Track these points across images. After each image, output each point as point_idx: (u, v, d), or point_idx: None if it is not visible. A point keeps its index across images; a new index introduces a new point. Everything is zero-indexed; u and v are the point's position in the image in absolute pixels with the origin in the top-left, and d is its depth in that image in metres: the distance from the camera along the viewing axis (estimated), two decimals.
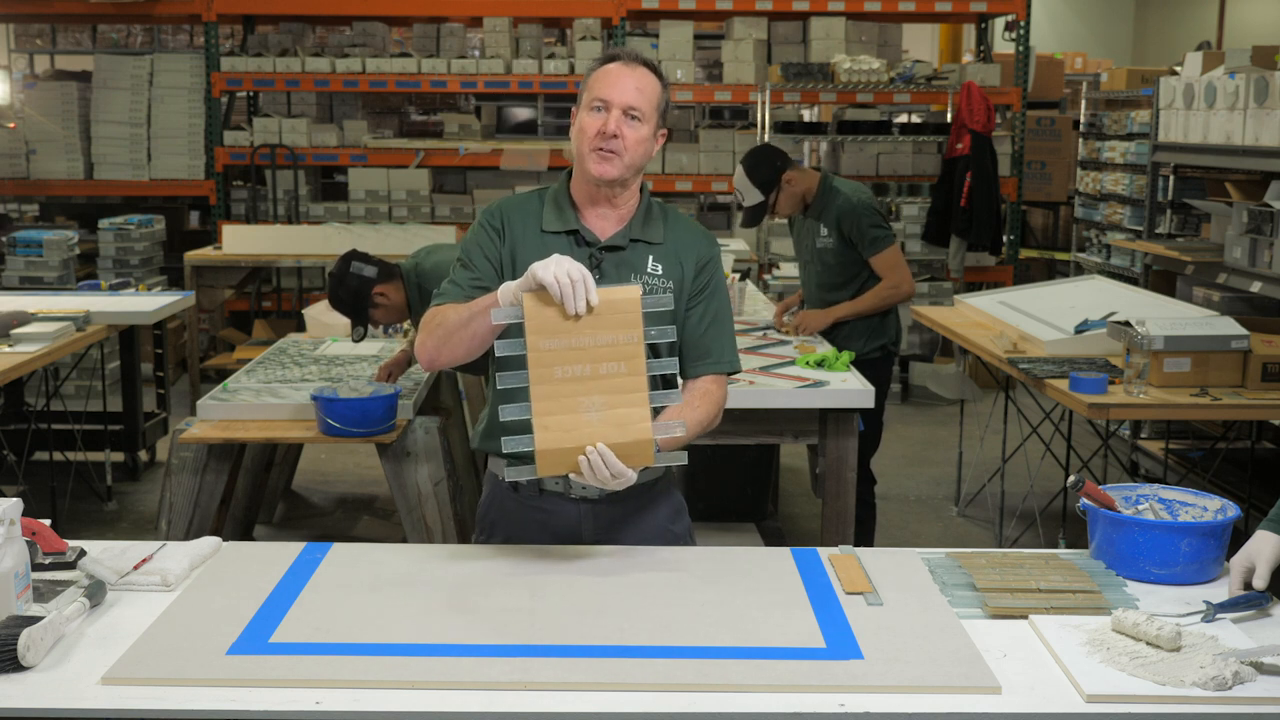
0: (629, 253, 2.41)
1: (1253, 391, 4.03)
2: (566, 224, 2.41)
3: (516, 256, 2.39)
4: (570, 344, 2.11)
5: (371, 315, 4.16)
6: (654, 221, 2.45)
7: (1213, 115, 5.55)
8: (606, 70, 2.40)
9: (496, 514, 2.50)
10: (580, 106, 2.42)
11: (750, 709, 1.77)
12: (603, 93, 2.37)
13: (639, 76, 2.38)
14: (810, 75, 8.03)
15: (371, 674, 1.84)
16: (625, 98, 2.35)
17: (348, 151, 8.44)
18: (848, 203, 4.48)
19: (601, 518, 2.44)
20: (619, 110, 2.35)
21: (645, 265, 2.41)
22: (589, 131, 2.36)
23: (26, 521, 2.10)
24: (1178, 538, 2.23)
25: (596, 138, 2.34)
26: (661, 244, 2.43)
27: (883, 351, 4.58)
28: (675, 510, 2.54)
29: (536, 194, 2.50)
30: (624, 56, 2.41)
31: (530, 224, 2.42)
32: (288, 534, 5.30)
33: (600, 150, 2.34)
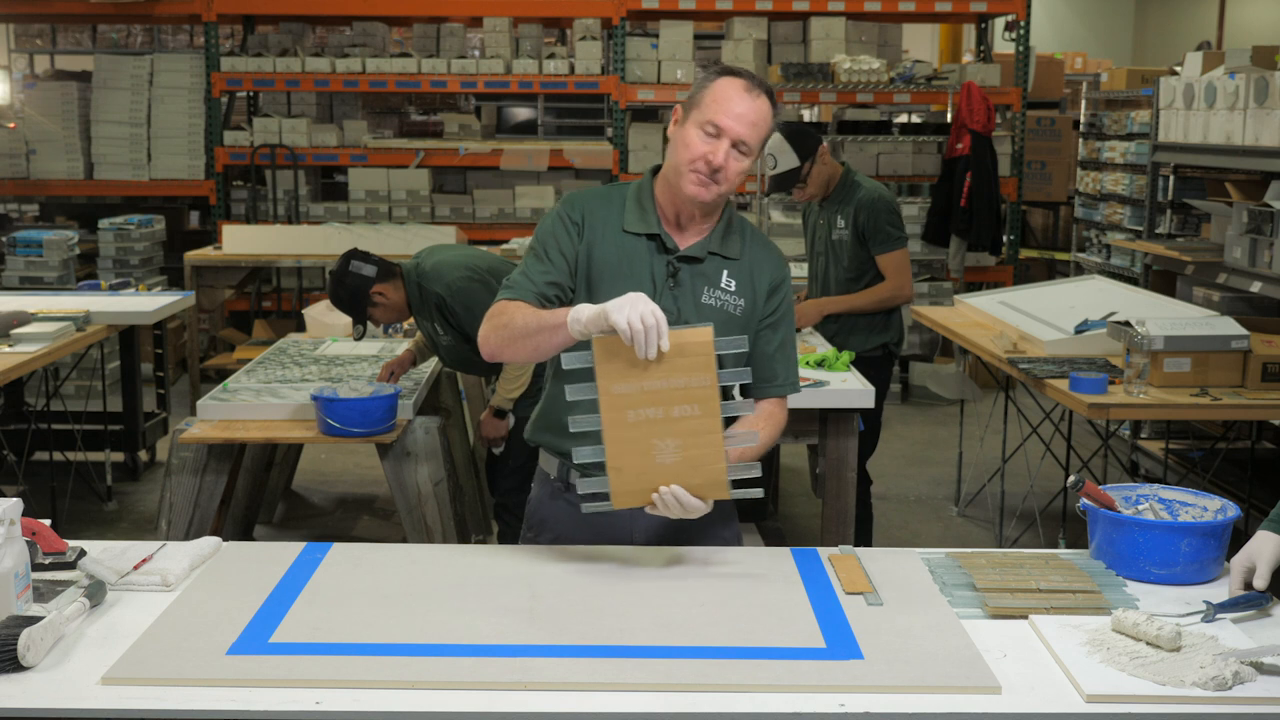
0: (705, 264, 2.36)
1: (1253, 391, 4.03)
2: (648, 227, 2.36)
3: (593, 254, 2.34)
4: (642, 387, 2.08)
5: (371, 314, 4.17)
6: (733, 236, 2.40)
7: (1213, 115, 5.55)
8: (729, 93, 2.29)
9: (547, 513, 2.49)
10: (688, 113, 2.32)
11: (750, 709, 1.77)
12: (719, 118, 2.26)
13: (758, 108, 2.28)
14: (810, 75, 8.03)
15: (371, 674, 1.84)
16: (740, 130, 2.26)
17: (348, 151, 8.44)
18: (869, 196, 4.48)
19: (653, 522, 2.43)
20: (729, 142, 2.27)
21: (720, 279, 2.37)
22: (694, 151, 2.27)
23: (26, 521, 2.10)
24: (1178, 538, 2.23)
25: (700, 163, 2.27)
26: (737, 260, 2.39)
27: (884, 350, 4.58)
28: (725, 514, 2.52)
29: (618, 190, 2.44)
30: (747, 78, 2.31)
31: (611, 222, 2.37)
32: (288, 534, 5.30)
33: (700, 174, 2.28)
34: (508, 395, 4.14)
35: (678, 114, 2.35)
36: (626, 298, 2.07)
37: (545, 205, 8.37)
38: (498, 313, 2.30)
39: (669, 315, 2.27)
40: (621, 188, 2.44)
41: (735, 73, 2.32)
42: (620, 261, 2.34)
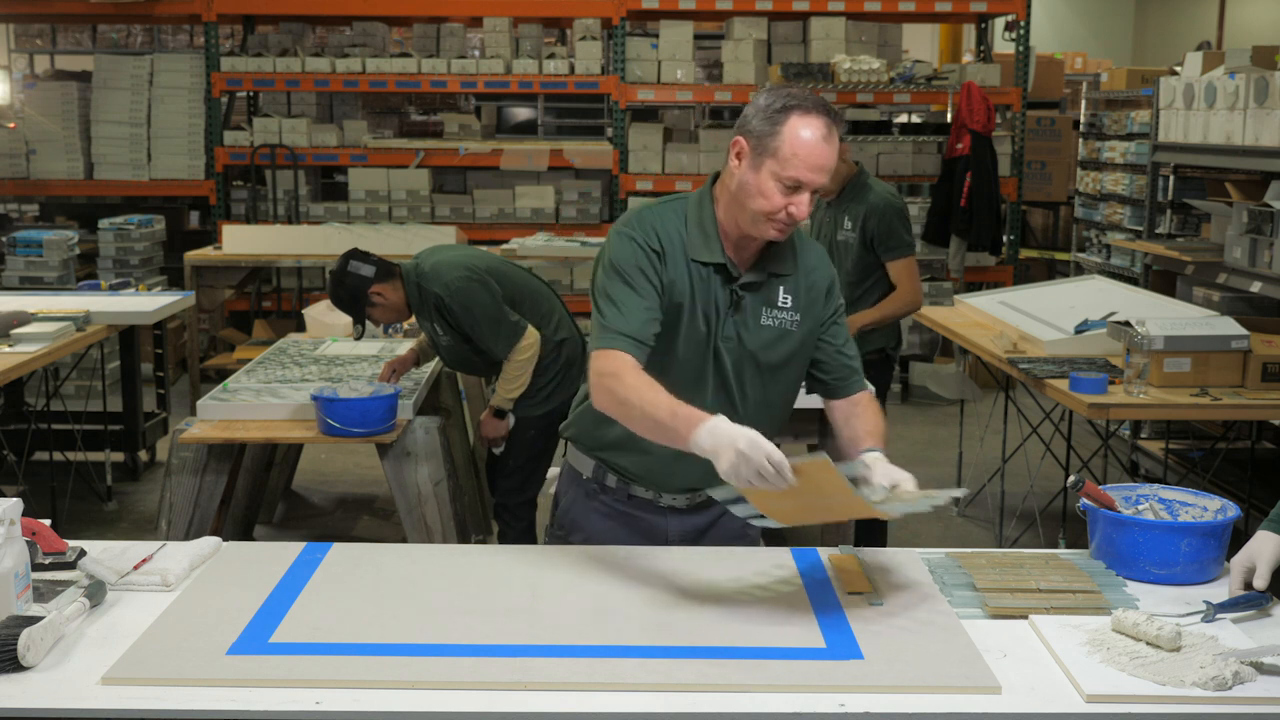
0: (763, 287, 2.33)
1: (1253, 391, 4.03)
2: (714, 257, 2.29)
3: (674, 285, 2.28)
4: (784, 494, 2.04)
5: (369, 314, 4.17)
6: (786, 250, 2.35)
7: (1213, 115, 5.55)
8: (809, 142, 2.18)
9: (579, 514, 2.47)
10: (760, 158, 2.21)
11: (750, 709, 1.77)
12: (802, 174, 2.18)
13: (834, 148, 2.21)
14: (810, 75, 8.03)
15: (371, 674, 1.84)
16: (821, 181, 2.21)
17: (348, 151, 8.44)
18: (881, 199, 4.43)
19: (687, 523, 2.44)
20: (809, 193, 2.21)
21: (776, 298, 2.34)
22: (774, 204, 2.20)
23: (26, 521, 2.10)
24: (1178, 538, 2.23)
25: (783, 213, 2.21)
26: (792, 275, 2.36)
27: (881, 355, 4.56)
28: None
29: (676, 209, 2.33)
30: (822, 113, 2.21)
31: (678, 248, 2.29)
32: (288, 534, 5.30)
33: (781, 224, 2.22)
34: (507, 395, 4.14)
35: (741, 148, 2.25)
36: (736, 456, 1.97)
37: (545, 205, 8.36)
38: (611, 369, 2.19)
39: (729, 341, 2.30)
40: (679, 205, 2.34)
41: (808, 109, 2.21)
42: (690, 291, 2.29)
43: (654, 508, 2.43)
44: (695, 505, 2.44)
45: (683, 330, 2.29)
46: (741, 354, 2.32)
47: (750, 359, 2.33)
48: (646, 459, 2.36)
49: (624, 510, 2.43)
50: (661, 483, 2.41)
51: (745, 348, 2.32)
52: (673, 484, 2.41)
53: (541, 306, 4.25)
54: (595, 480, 2.45)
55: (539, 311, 4.22)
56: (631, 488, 2.41)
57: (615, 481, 2.43)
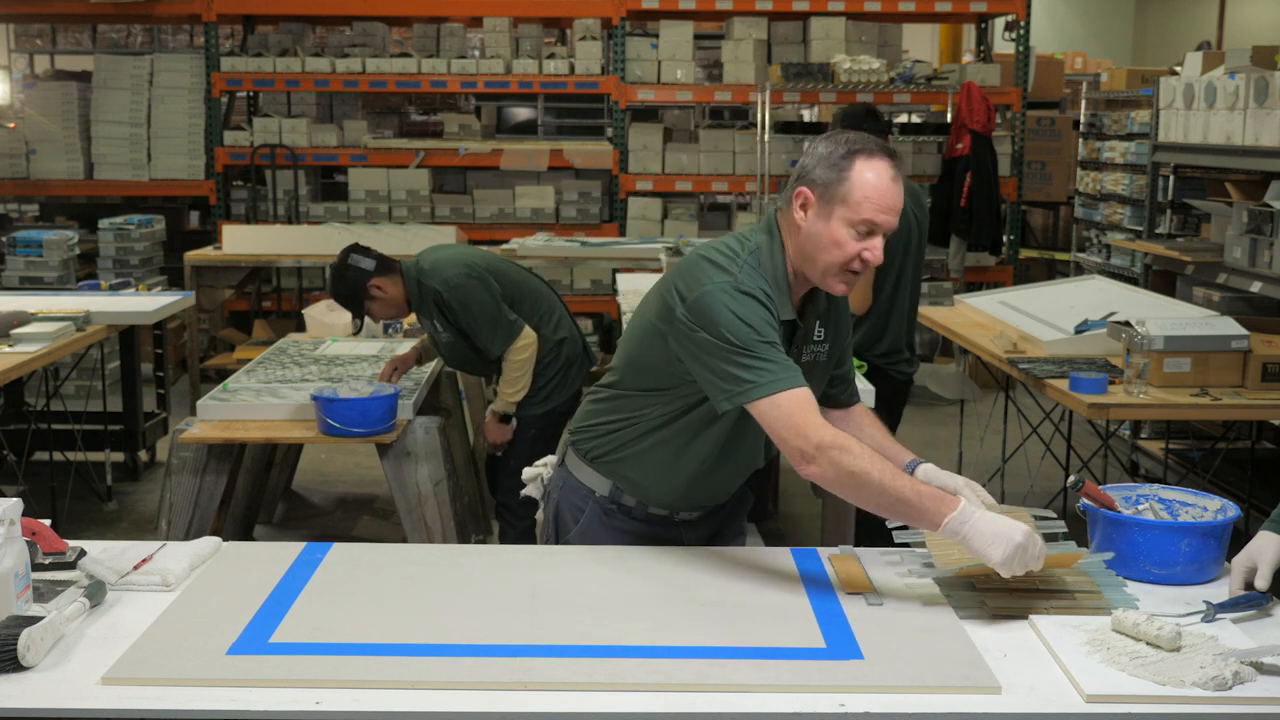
0: (808, 328, 2.33)
1: (1253, 391, 4.03)
2: (788, 314, 2.25)
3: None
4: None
5: (369, 308, 4.19)
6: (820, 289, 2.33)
7: (1213, 115, 5.55)
8: (880, 185, 2.16)
9: (599, 533, 2.44)
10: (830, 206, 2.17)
11: (750, 709, 1.77)
12: (877, 217, 2.16)
13: (900, 191, 2.19)
14: (810, 75, 8.03)
15: (371, 674, 1.84)
16: (892, 222, 2.18)
17: (348, 151, 8.44)
18: None
19: (699, 532, 2.48)
20: (882, 236, 2.18)
21: (813, 333, 2.35)
22: (848, 251, 2.16)
23: (26, 521, 2.10)
24: (1178, 538, 2.23)
25: (856, 262, 2.17)
26: (827, 310, 2.36)
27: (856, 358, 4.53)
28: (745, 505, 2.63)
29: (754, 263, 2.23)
30: (886, 155, 2.19)
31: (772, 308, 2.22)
32: (288, 534, 5.30)
33: (852, 274, 2.19)
34: (510, 399, 4.14)
35: (806, 199, 2.20)
36: (1015, 546, 2.02)
37: (545, 205, 8.36)
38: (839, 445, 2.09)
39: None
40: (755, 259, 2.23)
41: (873, 152, 2.19)
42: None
43: (669, 522, 2.46)
44: (706, 514, 2.49)
45: None
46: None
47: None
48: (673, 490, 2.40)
49: (640, 528, 2.44)
50: (682, 506, 2.45)
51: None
52: (692, 505, 2.46)
53: (541, 306, 4.25)
54: (612, 500, 2.43)
55: (539, 310, 4.22)
56: (651, 506, 2.44)
57: (634, 502, 2.43)
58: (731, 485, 2.47)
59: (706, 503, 2.47)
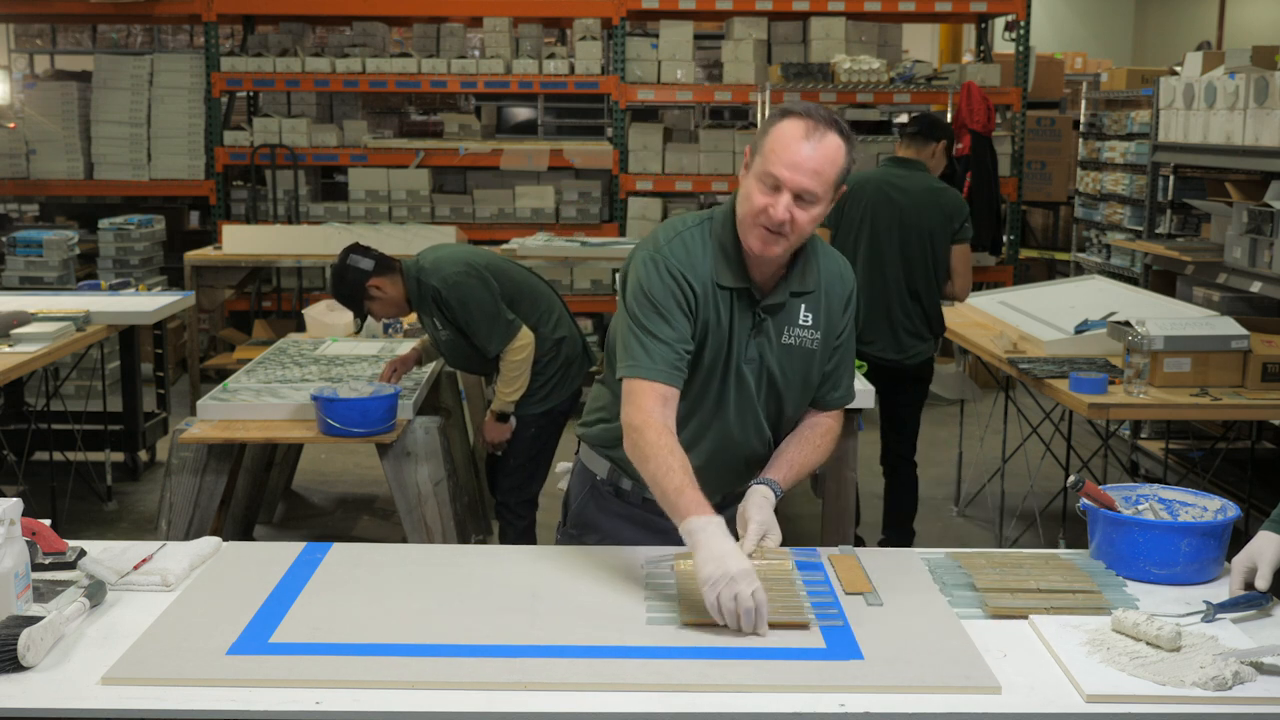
0: (786, 307, 2.31)
1: (1253, 391, 4.03)
2: (737, 281, 2.26)
3: (702, 313, 2.26)
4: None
5: (368, 308, 4.20)
6: (810, 266, 2.32)
7: (1213, 115, 5.55)
8: (787, 139, 2.15)
9: (593, 515, 2.47)
10: (754, 159, 2.20)
11: (750, 709, 1.77)
12: (778, 169, 2.14)
13: (822, 152, 2.14)
14: (810, 75, 8.03)
15: (371, 674, 1.84)
16: (801, 181, 2.14)
17: (348, 151, 8.44)
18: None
19: None
20: (790, 195, 2.15)
21: (798, 317, 2.32)
22: (754, 205, 2.17)
23: (26, 521, 2.10)
24: (1178, 538, 2.23)
25: (762, 216, 2.16)
26: (814, 292, 2.33)
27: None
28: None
29: (700, 233, 2.28)
30: (811, 117, 2.16)
31: (705, 274, 2.26)
32: (288, 534, 5.30)
33: (764, 230, 2.18)
34: (508, 398, 4.14)
35: (747, 158, 2.24)
36: (727, 576, 1.96)
37: (545, 205, 8.36)
38: (637, 425, 2.19)
39: (751, 363, 2.29)
40: (702, 228, 2.30)
41: (797, 113, 2.18)
42: (719, 317, 2.28)
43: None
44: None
45: (707, 353, 2.29)
46: (763, 373, 2.32)
47: (771, 378, 2.33)
48: None
49: (639, 513, 2.44)
50: None
51: (766, 367, 2.31)
52: None
53: (541, 305, 4.25)
54: (610, 482, 2.45)
55: (538, 310, 4.22)
56: (646, 491, 2.41)
57: (631, 485, 2.43)
58: (724, 480, 2.38)
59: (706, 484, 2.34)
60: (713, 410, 2.32)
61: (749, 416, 2.34)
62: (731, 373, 2.30)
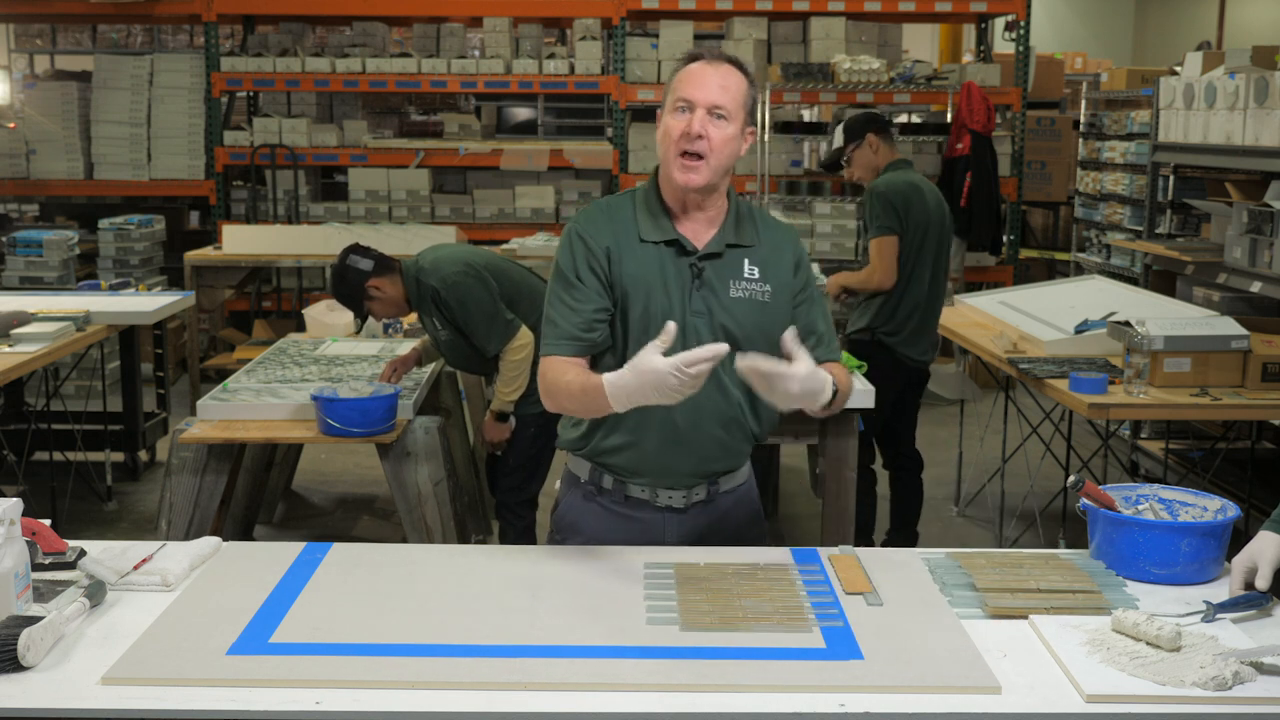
0: (726, 258, 2.36)
1: (1253, 391, 4.03)
2: (664, 233, 2.34)
3: (624, 270, 2.33)
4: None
5: (368, 308, 4.21)
6: (746, 223, 2.40)
7: (1213, 115, 5.55)
8: (690, 70, 2.32)
9: (578, 516, 2.48)
10: (664, 110, 2.34)
11: (750, 709, 1.77)
12: (686, 92, 2.29)
13: (724, 74, 2.30)
14: (810, 75, 8.03)
15: (371, 674, 1.84)
16: (710, 96, 2.27)
17: (348, 151, 8.44)
18: (873, 186, 4.66)
19: (685, 526, 2.44)
20: (703, 110, 2.27)
21: (742, 271, 2.37)
22: (674, 133, 2.28)
23: (26, 521, 2.10)
24: (1178, 538, 2.23)
25: (681, 139, 2.27)
26: (755, 246, 2.39)
27: (870, 335, 4.67)
28: (754, 518, 2.55)
29: (625, 198, 2.42)
30: (708, 55, 2.34)
31: (627, 233, 2.36)
32: (288, 534, 5.30)
33: (686, 156, 2.27)
34: (507, 398, 4.14)
35: (659, 119, 2.37)
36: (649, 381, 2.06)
37: (545, 205, 8.37)
38: (546, 371, 2.33)
39: (700, 316, 2.32)
40: (627, 196, 2.43)
41: (694, 55, 2.35)
42: (645, 272, 2.33)
43: (651, 508, 2.43)
44: (692, 504, 2.44)
45: (638, 307, 2.34)
46: (716, 328, 2.34)
47: (726, 333, 2.34)
48: (638, 453, 2.38)
49: (621, 511, 2.43)
50: (658, 475, 2.41)
51: (718, 320, 2.34)
52: (670, 474, 2.41)
53: (540, 305, 4.23)
54: (592, 482, 2.46)
55: (537, 309, 4.22)
56: (628, 487, 2.42)
57: (612, 482, 2.43)
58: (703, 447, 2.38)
59: (679, 473, 2.40)
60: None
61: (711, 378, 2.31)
62: (680, 327, 2.31)
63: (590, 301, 2.33)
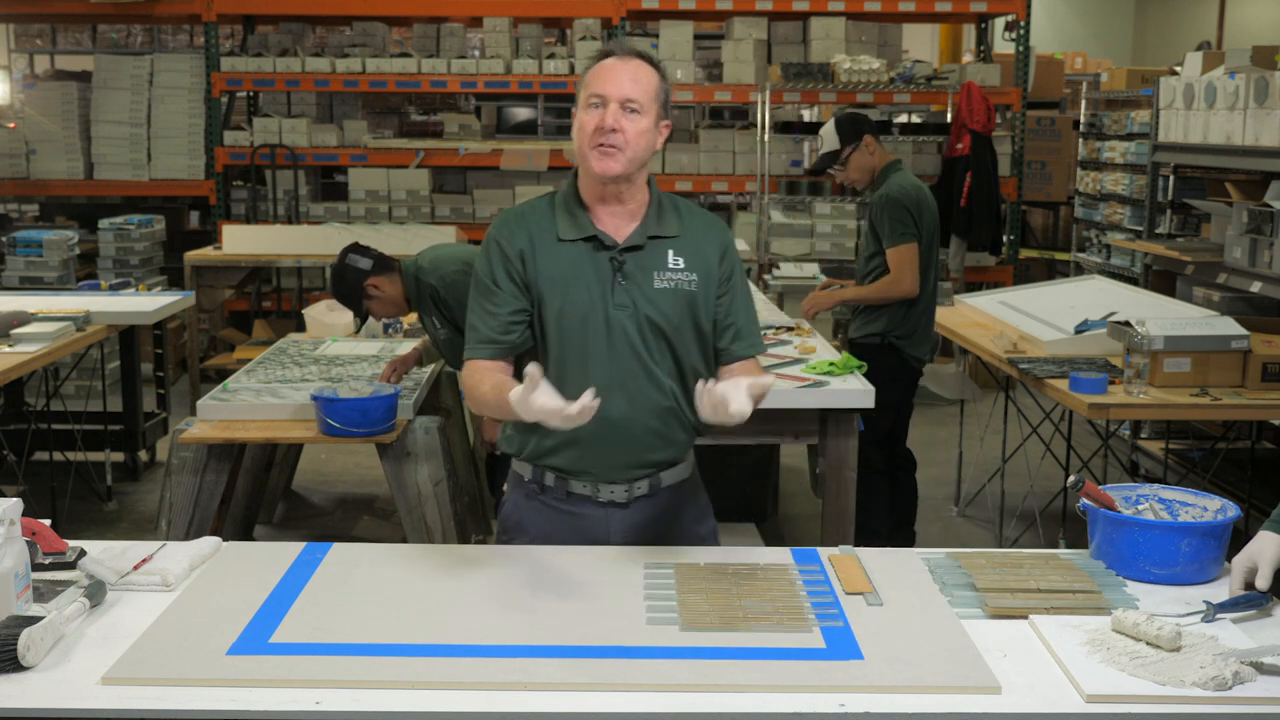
0: (648, 250, 2.39)
1: (1253, 391, 4.03)
2: (582, 230, 2.38)
3: (539, 270, 2.37)
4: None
5: (368, 307, 4.20)
6: (667, 215, 2.43)
7: (1213, 115, 5.55)
8: (602, 66, 2.37)
9: (523, 516, 2.49)
10: (579, 106, 2.39)
11: (750, 709, 1.77)
12: (599, 88, 2.34)
13: (634, 68, 2.35)
14: (810, 75, 8.03)
15: (371, 674, 1.84)
16: (622, 90, 2.32)
17: (348, 151, 8.44)
18: (886, 191, 4.59)
19: (628, 520, 2.44)
20: (616, 103, 2.32)
21: (666, 261, 2.39)
22: (588, 128, 2.33)
23: (26, 521, 2.10)
24: (1178, 538, 2.23)
25: (596, 134, 2.31)
26: (679, 237, 2.41)
27: (881, 339, 4.62)
28: (701, 512, 2.56)
29: (545, 200, 2.46)
30: (618, 51, 2.39)
31: (546, 233, 2.39)
32: (288, 534, 5.30)
33: (601, 147, 2.31)
34: None
35: (574, 117, 2.40)
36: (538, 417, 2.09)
37: None
38: (468, 376, 2.40)
39: (623, 309, 2.36)
40: (546, 199, 2.47)
41: (605, 51, 2.40)
42: (565, 271, 2.37)
43: (594, 504, 2.44)
44: (635, 499, 2.44)
45: (556, 306, 2.36)
46: (641, 320, 2.36)
47: (652, 325, 2.37)
48: (576, 449, 2.38)
49: (564, 508, 2.45)
50: (598, 470, 2.41)
51: (643, 312, 2.36)
52: (609, 468, 2.41)
53: None
54: (535, 481, 2.47)
55: None
56: (570, 484, 2.43)
57: (554, 480, 2.44)
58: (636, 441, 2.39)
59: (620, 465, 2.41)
60: (605, 366, 2.35)
61: (635, 365, 2.37)
62: (603, 321, 2.35)
63: (505, 305, 2.37)
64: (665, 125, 2.40)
